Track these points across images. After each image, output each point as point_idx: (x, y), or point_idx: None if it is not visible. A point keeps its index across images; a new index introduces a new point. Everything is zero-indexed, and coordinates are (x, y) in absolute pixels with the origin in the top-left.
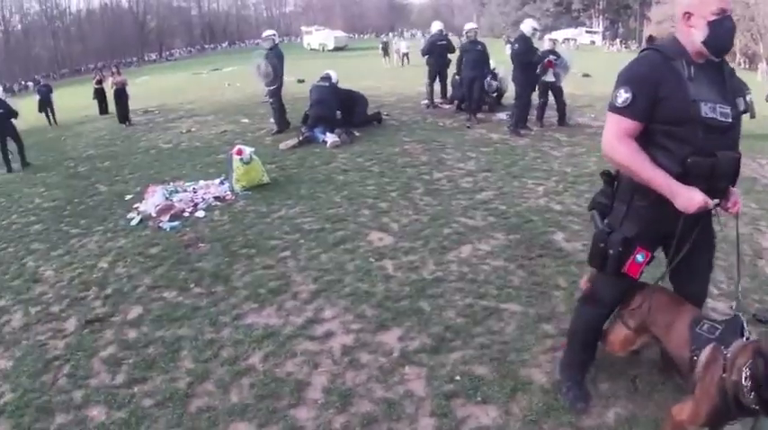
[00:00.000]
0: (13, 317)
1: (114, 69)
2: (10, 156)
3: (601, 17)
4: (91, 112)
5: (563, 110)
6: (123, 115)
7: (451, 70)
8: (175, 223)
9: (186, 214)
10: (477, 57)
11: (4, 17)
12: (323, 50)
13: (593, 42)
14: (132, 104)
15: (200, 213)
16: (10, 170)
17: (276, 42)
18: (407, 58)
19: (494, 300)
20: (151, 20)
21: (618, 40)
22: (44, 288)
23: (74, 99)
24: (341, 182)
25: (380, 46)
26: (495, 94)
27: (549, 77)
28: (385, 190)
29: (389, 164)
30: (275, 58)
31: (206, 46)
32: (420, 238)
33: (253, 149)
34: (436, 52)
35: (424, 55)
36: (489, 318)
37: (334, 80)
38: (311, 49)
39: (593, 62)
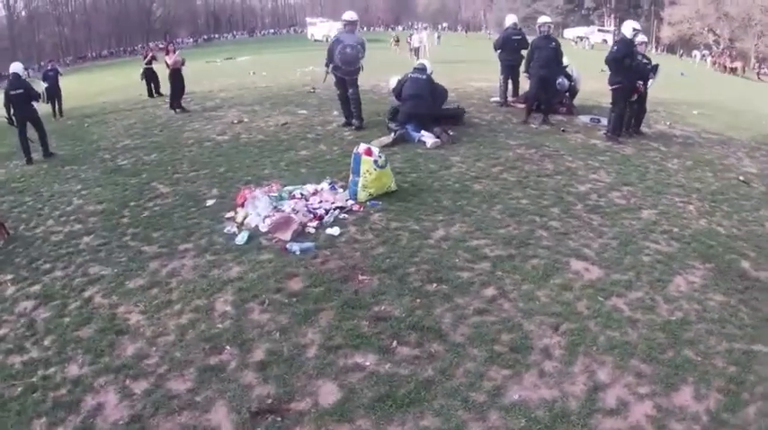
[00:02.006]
0: (107, 399)
1: (172, 47)
2: (30, 145)
3: (612, 15)
4: (109, 99)
5: (642, 116)
6: (174, 99)
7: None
8: (308, 244)
9: (310, 229)
10: (550, 54)
11: (9, 2)
12: (326, 41)
13: (605, 41)
14: (164, 89)
15: (334, 230)
16: (30, 161)
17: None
18: (416, 53)
19: (743, 342)
20: (157, 8)
21: None
22: (139, 344)
23: (83, 86)
24: (485, 193)
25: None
26: (567, 94)
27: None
28: (542, 204)
29: (519, 171)
30: (360, 43)
31: (212, 36)
32: (627, 268)
33: (378, 148)
34: (509, 47)
35: (496, 49)
36: (752, 362)
37: (428, 71)
38: (315, 41)
39: None
